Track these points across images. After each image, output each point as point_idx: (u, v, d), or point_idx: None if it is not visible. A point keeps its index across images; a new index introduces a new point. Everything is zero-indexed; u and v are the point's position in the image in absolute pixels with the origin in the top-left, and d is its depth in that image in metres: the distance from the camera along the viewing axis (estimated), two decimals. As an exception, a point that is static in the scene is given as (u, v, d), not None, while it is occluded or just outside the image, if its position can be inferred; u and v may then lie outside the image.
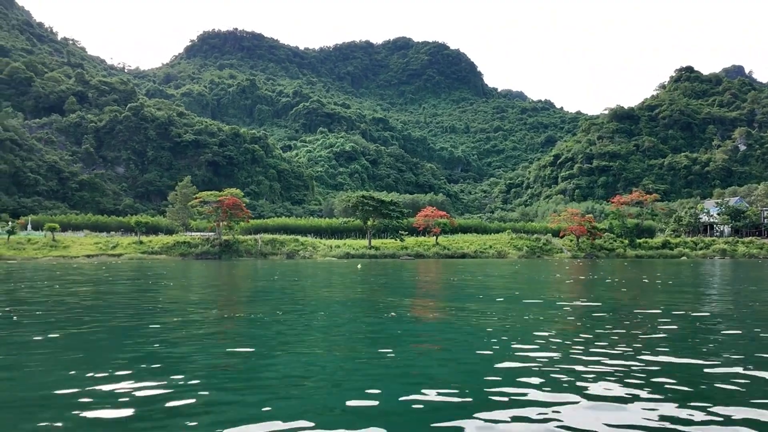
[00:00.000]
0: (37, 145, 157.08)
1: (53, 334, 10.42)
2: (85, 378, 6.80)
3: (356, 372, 7.24)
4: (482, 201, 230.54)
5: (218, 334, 10.75)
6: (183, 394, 6.09)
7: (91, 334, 10.58)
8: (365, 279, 29.32)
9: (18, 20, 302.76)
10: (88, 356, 8.36)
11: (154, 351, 8.60)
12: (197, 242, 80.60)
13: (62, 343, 9.46)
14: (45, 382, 6.63)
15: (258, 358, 8.13)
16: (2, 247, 73.05)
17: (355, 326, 11.66)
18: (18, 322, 12.12)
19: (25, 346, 9.27)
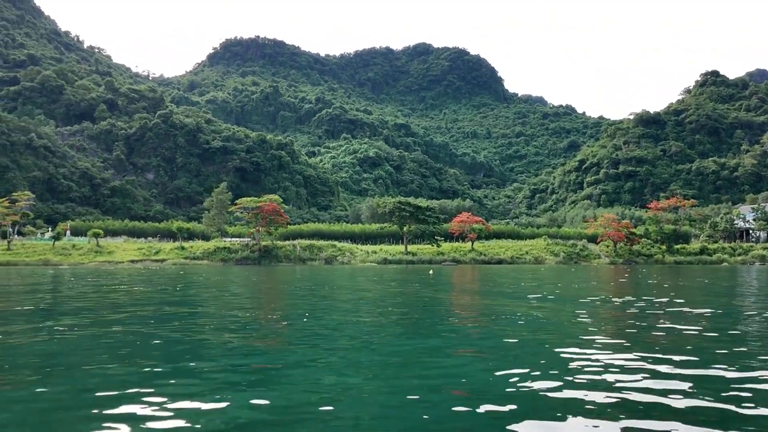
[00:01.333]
0: (69, 152, 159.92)
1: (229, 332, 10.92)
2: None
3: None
4: (506, 206, 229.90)
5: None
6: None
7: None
8: (457, 285, 29.55)
9: (46, 29, 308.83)
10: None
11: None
12: (237, 248, 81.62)
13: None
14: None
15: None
16: (49, 253, 74.62)
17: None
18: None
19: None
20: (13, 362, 7.90)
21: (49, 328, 11.21)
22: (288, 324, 12.41)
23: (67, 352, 8.75)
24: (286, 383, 6.50)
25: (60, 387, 6.36)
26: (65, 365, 7.64)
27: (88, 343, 9.49)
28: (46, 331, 10.80)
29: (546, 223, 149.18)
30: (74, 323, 12.01)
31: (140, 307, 16.07)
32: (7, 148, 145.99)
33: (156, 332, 10.79)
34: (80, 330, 10.97)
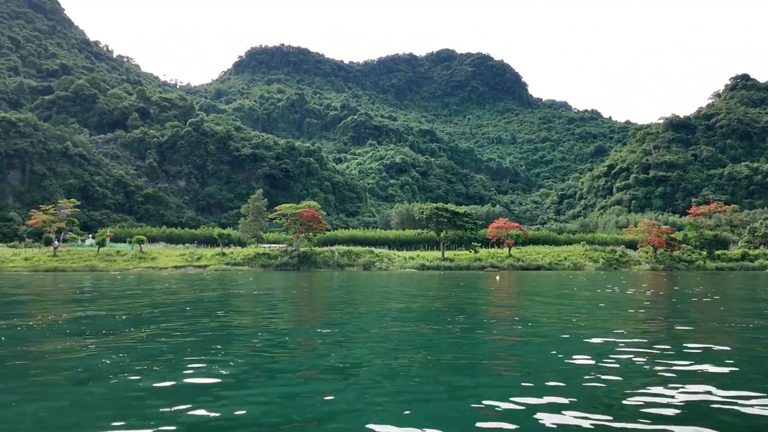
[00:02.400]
0: (104, 160, 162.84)
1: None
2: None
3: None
4: (533, 212, 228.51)
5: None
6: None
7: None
8: (537, 292, 29.57)
9: (77, 39, 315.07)
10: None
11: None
12: (276, 254, 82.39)
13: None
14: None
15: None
16: (94, 259, 76.06)
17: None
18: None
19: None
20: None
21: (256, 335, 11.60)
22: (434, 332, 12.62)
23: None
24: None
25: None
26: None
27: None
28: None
29: (577, 228, 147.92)
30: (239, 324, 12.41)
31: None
32: (44, 156, 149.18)
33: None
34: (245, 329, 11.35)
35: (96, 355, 8.67)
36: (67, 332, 11.34)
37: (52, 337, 10.60)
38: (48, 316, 14.49)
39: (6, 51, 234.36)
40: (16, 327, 12.21)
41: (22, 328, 12.08)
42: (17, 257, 75.07)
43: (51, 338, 10.51)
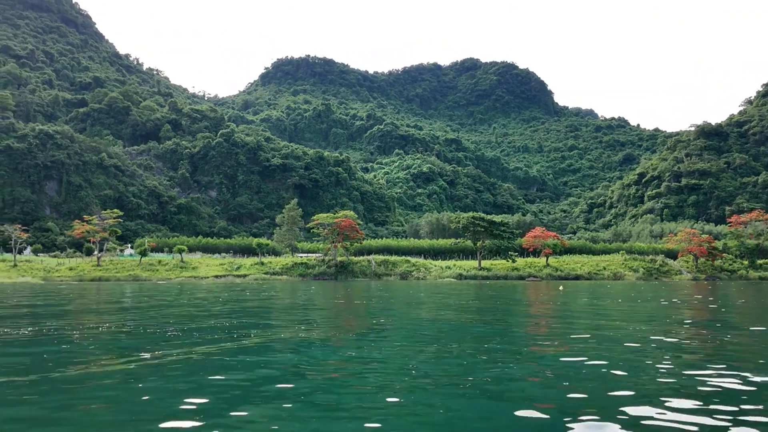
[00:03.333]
0: (137, 171, 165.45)
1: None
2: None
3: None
4: (562, 221, 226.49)
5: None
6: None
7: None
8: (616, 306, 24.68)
9: (108, 53, 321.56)
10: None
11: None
12: (314, 263, 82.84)
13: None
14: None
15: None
16: (137, 269, 77.21)
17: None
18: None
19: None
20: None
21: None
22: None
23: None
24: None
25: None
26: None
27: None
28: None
29: (610, 237, 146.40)
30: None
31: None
32: (80, 167, 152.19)
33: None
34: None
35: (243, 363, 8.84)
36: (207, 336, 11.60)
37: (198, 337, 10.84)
38: (170, 325, 14.80)
39: (41, 65, 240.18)
40: (137, 331, 12.52)
41: (153, 329, 12.37)
42: (62, 267, 76.53)
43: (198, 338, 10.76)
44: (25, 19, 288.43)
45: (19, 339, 11.88)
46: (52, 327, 14.22)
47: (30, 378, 7.61)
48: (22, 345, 11.05)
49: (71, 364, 8.61)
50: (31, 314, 19.52)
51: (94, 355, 9.65)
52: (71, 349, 10.37)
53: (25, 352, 10.16)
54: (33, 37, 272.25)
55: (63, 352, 10.11)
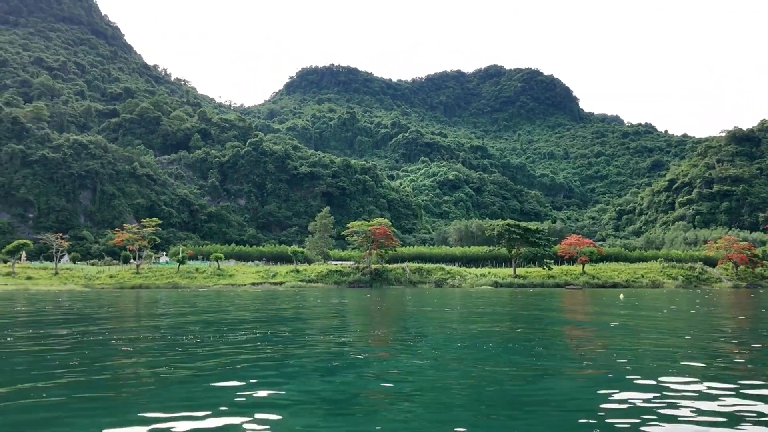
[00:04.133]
0: (169, 180, 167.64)
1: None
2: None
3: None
4: (591, 228, 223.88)
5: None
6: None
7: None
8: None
9: (137, 64, 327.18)
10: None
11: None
12: (348, 271, 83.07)
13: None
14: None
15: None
16: (176, 276, 78.09)
17: None
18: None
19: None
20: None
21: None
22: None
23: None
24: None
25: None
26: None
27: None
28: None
29: (643, 244, 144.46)
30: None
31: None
32: (113, 176, 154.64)
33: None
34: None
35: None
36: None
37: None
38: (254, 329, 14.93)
39: (72, 76, 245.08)
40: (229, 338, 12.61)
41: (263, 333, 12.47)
42: (102, 274, 77.70)
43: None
44: (57, 31, 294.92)
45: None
46: (207, 334, 14.45)
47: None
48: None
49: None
50: (192, 322, 19.84)
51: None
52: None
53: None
54: (64, 49, 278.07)
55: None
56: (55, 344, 12.71)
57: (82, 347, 12.17)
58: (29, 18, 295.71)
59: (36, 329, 16.54)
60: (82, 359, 10.28)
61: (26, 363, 10.18)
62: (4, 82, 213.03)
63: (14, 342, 13.41)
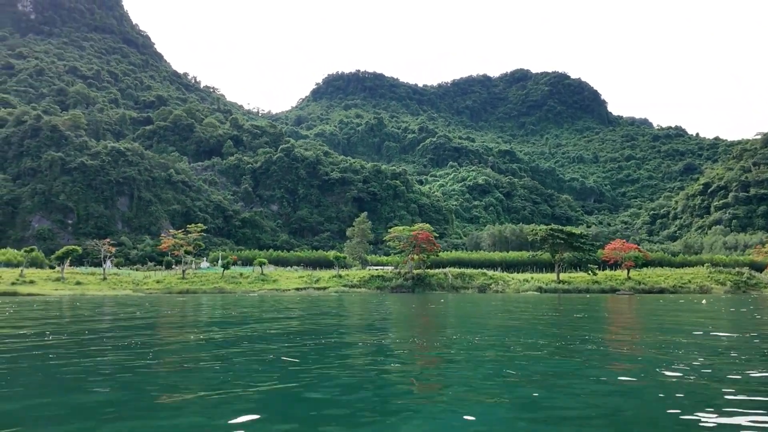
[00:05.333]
0: (203, 186, 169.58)
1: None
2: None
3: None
4: (624, 233, 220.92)
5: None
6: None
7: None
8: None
9: (167, 72, 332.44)
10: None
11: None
12: (390, 276, 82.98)
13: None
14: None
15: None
16: (221, 281, 78.80)
17: None
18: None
19: None
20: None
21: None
22: None
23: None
24: None
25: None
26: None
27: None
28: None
29: (681, 249, 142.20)
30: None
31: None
32: (150, 183, 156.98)
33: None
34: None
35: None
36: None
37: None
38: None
39: (106, 84, 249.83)
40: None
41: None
42: (149, 280, 78.68)
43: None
44: (90, 40, 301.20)
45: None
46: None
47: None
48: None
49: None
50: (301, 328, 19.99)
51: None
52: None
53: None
54: (98, 57, 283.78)
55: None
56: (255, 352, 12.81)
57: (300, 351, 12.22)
58: (63, 28, 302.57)
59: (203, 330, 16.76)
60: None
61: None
62: (40, 90, 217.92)
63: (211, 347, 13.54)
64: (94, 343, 13.68)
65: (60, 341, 13.87)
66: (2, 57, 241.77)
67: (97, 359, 10.79)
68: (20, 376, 9.11)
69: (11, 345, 13.20)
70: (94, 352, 11.81)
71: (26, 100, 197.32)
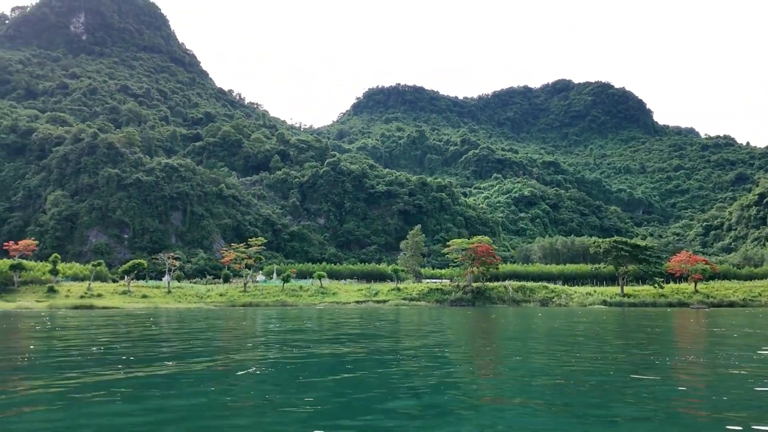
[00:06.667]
0: (252, 201, 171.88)
1: None
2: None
3: None
4: (675, 245, 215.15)
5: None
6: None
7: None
8: None
9: (213, 89, 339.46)
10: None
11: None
12: (449, 289, 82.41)
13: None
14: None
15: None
16: (282, 294, 79.37)
17: None
18: None
19: None
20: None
21: None
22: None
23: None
24: None
25: None
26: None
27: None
28: None
29: (739, 261, 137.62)
30: None
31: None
32: (202, 198, 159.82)
33: None
34: None
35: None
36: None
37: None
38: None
39: (156, 102, 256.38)
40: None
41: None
42: (212, 293, 79.79)
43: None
44: (139, 60, 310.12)
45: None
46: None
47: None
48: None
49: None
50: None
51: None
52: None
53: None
54: (147, 76, 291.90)
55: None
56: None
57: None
58: (113, 48, 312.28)
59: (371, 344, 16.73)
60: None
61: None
62: (94, 109, 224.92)
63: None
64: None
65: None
66: (57, 77, 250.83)
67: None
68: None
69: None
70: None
71: (81, 118, 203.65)
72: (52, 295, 71.72)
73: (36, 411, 8.22)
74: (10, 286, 75.13)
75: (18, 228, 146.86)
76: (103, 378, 11.13)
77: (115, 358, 14.90)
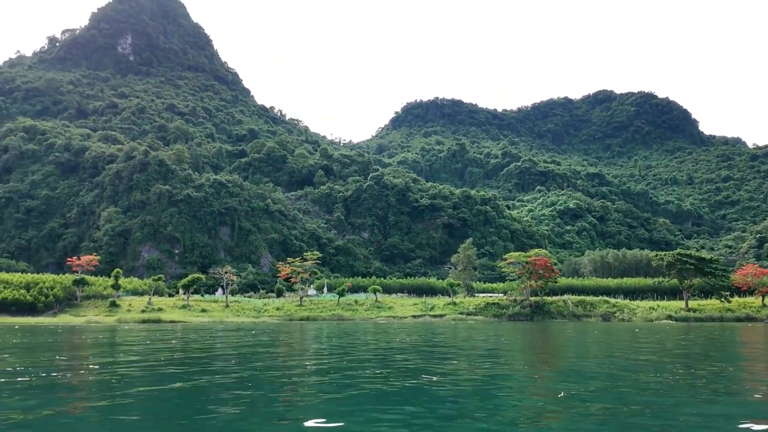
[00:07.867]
0: (298, 215, 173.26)
1: None
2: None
3: None
4: (728, 257, 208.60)
5: None
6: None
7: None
8: None
9: (255, 106, 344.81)
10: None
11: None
12: (506, 304, 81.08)
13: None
14: None
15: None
16: (337, 308, 79.28)
17: None
18: None
19: None
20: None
21: None
22: None
23: None
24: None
25: None
26: None
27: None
28: None
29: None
30: None
31: None
32: (249, 213, 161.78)
33: None
34: None
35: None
36: None
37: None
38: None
39: (201, 120, 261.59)
40: None
41: None
42: (269, 307, 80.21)
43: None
44: (184, 79, 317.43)
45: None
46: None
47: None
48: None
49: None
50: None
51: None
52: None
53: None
54: (192, 95, 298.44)
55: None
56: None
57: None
58: (159, 68, 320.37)
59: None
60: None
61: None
62: (143, 127, 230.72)
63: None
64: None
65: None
66: (106, 97, 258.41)
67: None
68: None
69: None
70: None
71: (131, 137, 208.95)
72: (114, 309, 73.01)
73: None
74: (73, 300, 76.88)
75: (72, 244, 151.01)
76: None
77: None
